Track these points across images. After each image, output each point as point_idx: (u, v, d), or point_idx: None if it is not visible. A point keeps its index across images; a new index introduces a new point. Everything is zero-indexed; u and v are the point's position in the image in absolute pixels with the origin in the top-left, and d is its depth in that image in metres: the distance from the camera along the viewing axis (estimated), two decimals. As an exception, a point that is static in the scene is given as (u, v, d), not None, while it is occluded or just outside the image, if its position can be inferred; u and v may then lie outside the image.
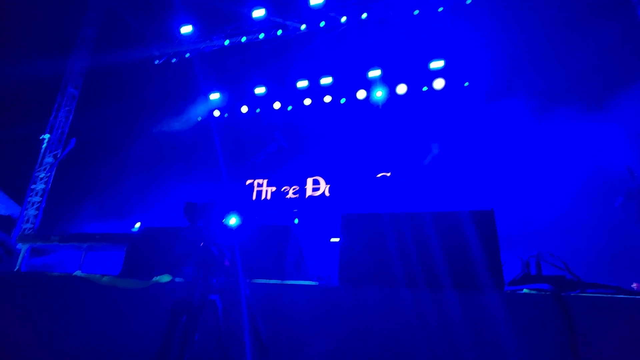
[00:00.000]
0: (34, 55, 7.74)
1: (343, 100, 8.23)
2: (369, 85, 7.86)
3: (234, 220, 1.80)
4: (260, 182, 8.34)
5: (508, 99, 6.61)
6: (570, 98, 6.09)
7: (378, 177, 7.54)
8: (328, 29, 7.87)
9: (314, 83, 8.15)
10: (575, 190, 5.30)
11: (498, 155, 6.30)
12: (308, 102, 8.34)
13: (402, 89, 7.67)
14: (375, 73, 7.67)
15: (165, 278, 2.20)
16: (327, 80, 8.03)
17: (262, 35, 8.26)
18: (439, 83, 7.37)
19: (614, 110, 5.68)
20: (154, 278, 2.21)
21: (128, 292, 2.15)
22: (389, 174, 7.48)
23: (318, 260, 4.58)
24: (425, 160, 6.03)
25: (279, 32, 8.13)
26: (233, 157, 8.40)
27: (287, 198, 8.07)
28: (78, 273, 2.44)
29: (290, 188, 8.11)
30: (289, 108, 8.61)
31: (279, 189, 8.20)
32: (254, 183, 8.27)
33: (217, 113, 8.99)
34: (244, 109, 8.75)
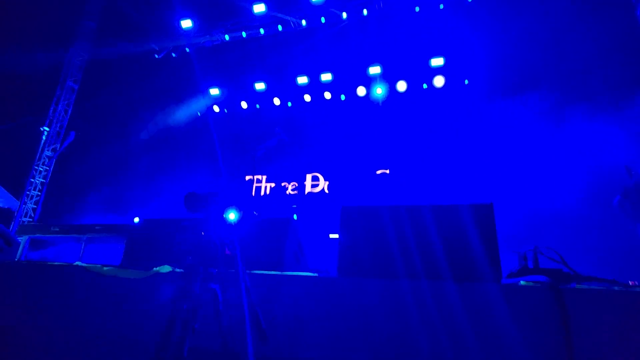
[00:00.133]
0: (33, 48, 7.70)
1: (343, 97, 8.22)
2: (369, 82, 7.86)
3: (233, 216, 1.81)
4: (260, 178, 8.34)
5: (508, 97, 6.62)
6: (571, 97, 6.10)
7: (377, 174, 7.55)
8: (329, 25, 7.85)
9: (314, 79, 8.13)
10: (579, 188, 5.32)
11: (498, 155, 6.31)
12: (308, 98, 8.33)
13: (402, 86, 7.67)
14: (376, 70, 7.66)
15: (166, 268, 2.21)
16: (327, 77, 8.02)
17: (262, 31, 8.23)
18: (439, 80, 7.38)
19: (614, 110, 5.69)
20: (154, 268, 2.22)
21: (129, 281, 2.17)
22: (389, 171, 7.49)
23: (317, 256, 4.60)
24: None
25: (280, 27, 8.10)
26: (232, 152, 8.41)
27: (286, 194, 8.07)
28: (78, 263, 2.46)
29: (290, 184, 8.11)
30: (289, 104, 8.60)
31: (278, 185, 8.21)
32: (253, 179, 8.27)
33: (216, 108, 8.98)
34: (244, 105, 8.74)
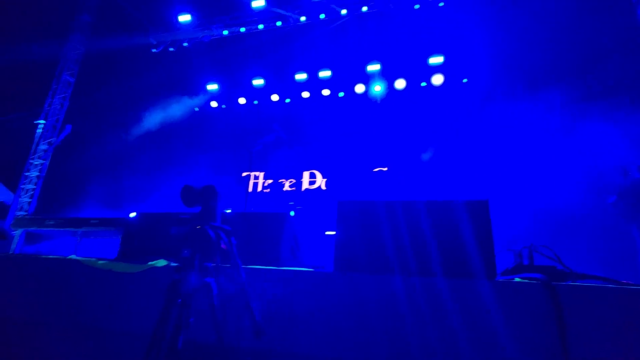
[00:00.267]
0: (29, 42, 7.62)
1: (341, 94, 8.20)
2: (368, 80, 7.84)
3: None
4: (257, 174, 8.32)
5: (506, 96, 6.63)
6: (571, 97, 6.12)
7: (375, 171, 7.56)
8: (328, 22, 7.82)
9: (313, 76, 8.11)
10: (578, 188, 5.35)
11: (497, 154, 6.32)
12: (306, 95, 8.31)
13: (400, 84, 7.67)
14: (374, 67, 7.64)
15: (161, 262, 2.20)
16: (325, 74, 7.99)
17: (261, 26, 8.18)
18: (438, 79, 7.38)
19: (614, 110, 5.71)
20: (150, 262, 2.22)
21: (124, 275, 2.16)
22: (386, 169, 7.49)
23: (313, 253, 4.59)
24: (423, 156, 6.05)
25: (279, 23, 8.06)
26: (230, 148, 8.38)
27: (283, 191, 8.06)
28: (73, 257, 2.44)
29: (287, 181, 8.10)
30: (287, 100, 8.57)
31: (276, 182, 8.19)
32: (251, 175, 8.25)
33: (214, 104, 8.93)
34: (242, 101, 8.70)
